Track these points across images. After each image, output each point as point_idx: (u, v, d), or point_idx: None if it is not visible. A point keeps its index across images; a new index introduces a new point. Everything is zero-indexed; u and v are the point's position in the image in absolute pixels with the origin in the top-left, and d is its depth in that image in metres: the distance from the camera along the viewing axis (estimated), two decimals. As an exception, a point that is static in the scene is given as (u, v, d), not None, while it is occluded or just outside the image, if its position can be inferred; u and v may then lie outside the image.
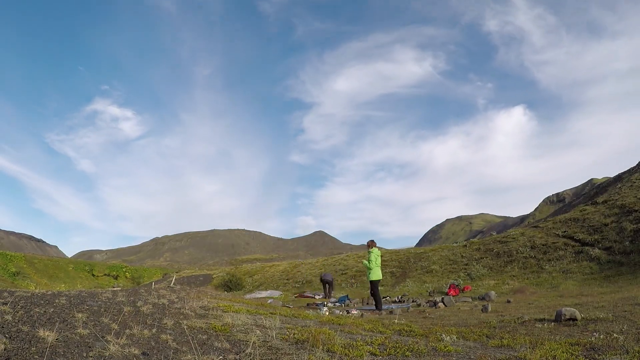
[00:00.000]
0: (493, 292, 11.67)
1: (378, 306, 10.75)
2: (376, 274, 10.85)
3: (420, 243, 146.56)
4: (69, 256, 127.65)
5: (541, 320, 6.31)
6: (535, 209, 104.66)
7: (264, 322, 5.71)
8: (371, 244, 11.25)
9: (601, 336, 4.66)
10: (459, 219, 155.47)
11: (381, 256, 11.05)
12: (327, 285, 16.28)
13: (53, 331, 3.39)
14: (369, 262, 10.86)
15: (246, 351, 3.79)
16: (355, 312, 10.54)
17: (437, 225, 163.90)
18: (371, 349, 4.30)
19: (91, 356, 3.04)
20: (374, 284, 10.90)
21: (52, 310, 4.36)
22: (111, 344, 3.34)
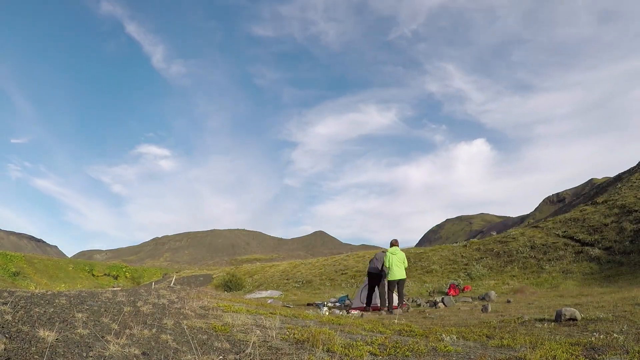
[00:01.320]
0: (493, 292, 11.67)
1: (382, 304, 10.77)
2: (390, 275, 10.67)
3: (420, 243, 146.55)
4: (69, 256, 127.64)
5: (541, 320, 6.31)
6: (535, 209, 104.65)
7: (264, 322, 5.71)
8: (393, 242, 11.00)
9: (601, 336, 4.66)
10: (459, 219, 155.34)
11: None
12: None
13: (53, 331, 3.39)
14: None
15: (246, 351, 3.79)
16: (355, 312, 10.54)
17: (437, 225, 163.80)
18: (371, 349, 4.30)
19: (91, 356, 3.04)
20: (388, 284, 10.75)
21: (52, 310, 4.36)
22: (111, 344, 3.34)
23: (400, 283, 10.74)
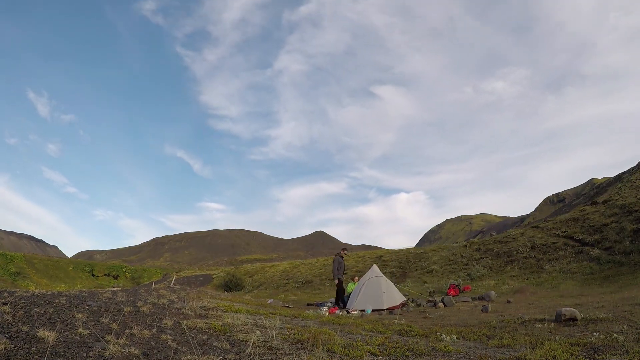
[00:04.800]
0: (493, 292, 11.67)
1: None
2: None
3: (420, 243, 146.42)
4: (69, 256, 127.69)
5: (541, 320, 6.31)
6: (535, 209, 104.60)
7: (264, 322, 5.72)
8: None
9: (601, 336, 4.65)
10: (459, 219, 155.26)
11: (382, 257, 11.06)
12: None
13: (53, 331, 3.39)
14: None
15: (246, 351, 3.79)
16: (355, 312, 10.54)
17: (437, 225, 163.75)
18: (371, 349, 4.30)
19: (91, 356, 3.04)
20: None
21: (52, 310, 4.36)
22: (111, 344, 3.34)
23: None
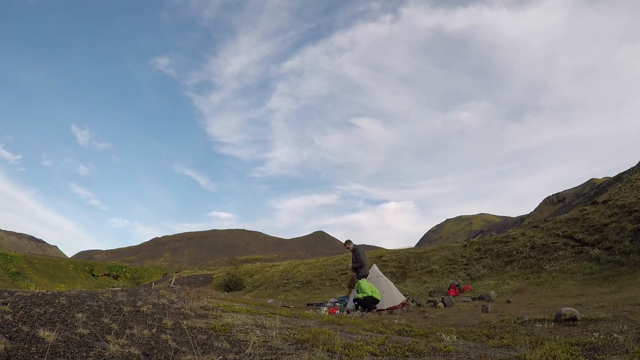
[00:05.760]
0: (493, 292, 11.67)
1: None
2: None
3: (420, 243, 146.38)
4: (69, 256, 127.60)
5: (541, 320, 6.31)
6: (535, 209, 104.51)
7: (264, 322, 5.72)
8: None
9: (601, 336, 4.65)
10: (459, 219, 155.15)
11: (382, 257, 11.05)
12: None
13: (53, 331, 3.39)
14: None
15: (246, 351, 3.79)
16: (355, 312, 10.54)
17: (437, 225, 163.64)
18: (371, 349, 4.30)
19: (91, 356, 3.04)
20: None
21: (52, 310, 4.36)
22: (111, 344, 3.34)
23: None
